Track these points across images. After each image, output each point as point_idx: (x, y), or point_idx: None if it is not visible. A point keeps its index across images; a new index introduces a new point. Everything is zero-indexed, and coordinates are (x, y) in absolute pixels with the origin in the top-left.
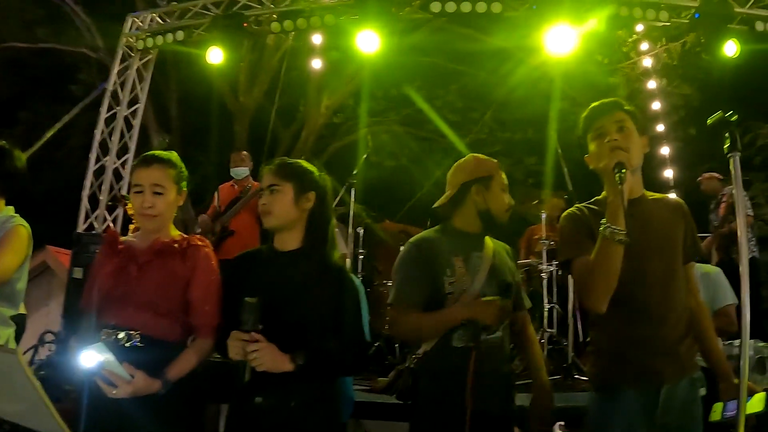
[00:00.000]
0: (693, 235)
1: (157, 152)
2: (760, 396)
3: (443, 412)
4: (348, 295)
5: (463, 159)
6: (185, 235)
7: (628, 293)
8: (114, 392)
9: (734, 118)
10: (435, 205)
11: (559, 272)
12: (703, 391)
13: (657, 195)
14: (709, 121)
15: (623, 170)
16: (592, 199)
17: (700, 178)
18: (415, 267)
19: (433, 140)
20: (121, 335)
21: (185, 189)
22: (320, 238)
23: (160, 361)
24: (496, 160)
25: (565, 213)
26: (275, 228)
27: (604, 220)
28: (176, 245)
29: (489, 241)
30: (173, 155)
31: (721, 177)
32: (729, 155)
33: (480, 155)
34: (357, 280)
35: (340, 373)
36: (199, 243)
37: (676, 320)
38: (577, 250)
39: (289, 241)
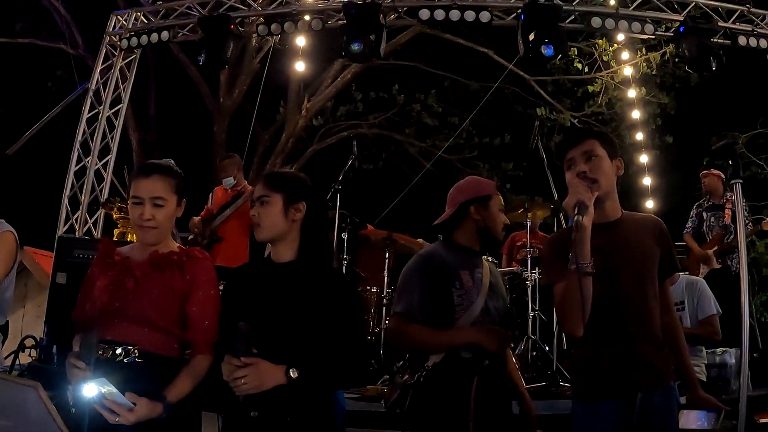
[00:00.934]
0: (670, 252)
1: (157, 161)
2: (720, 413)
3: (450, 419)
4: (348, 306)
5: (463, 179)
6: (184, 247)
7: (605, 312)
8: (116, 420)
9: (739, 142)
10: (435, 222)
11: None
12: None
13: (637, 215)
14: (713, 147)
15: (583, 210)
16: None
17: (701, 174)
18: (425, 279)
19: (412, 144)
20: (119, 351)
21: (185, 199)
22: (316, 248)
23: (159, 376)
24: (493, 182)
25: (548, 238)
26: (267, 240)
27: (570, 254)
28: (175, 258)
29: (485, 261)
30: (173, 164)
31: (723, 176)
32: (732, 182)
33: (479, 177)
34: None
35: (337, 386)
36: (199, 256)
37: (651, 336)
38: (557, 276)
39: (285, 252)
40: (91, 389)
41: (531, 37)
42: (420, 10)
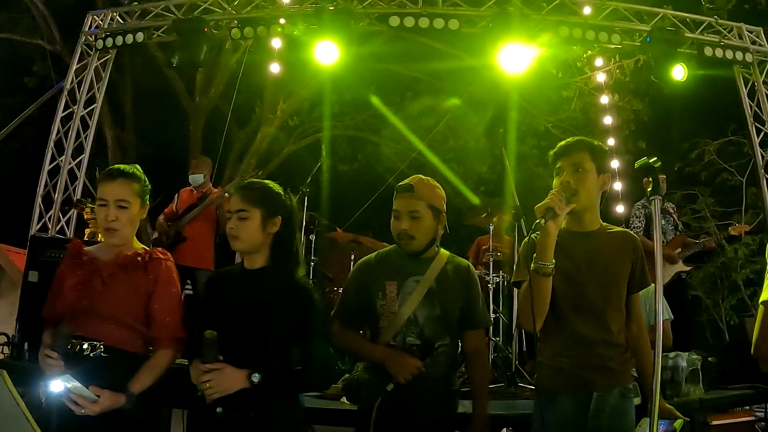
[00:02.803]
0: (642, 268)
1: (122, 166)
2: (678, 423)
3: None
4: (313, 313)
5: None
6: (147, 249)
7: (567, 317)
8: (82, 411)
9: (658, 164)
10: None
11: (505, 283)
12: (637, 401)
13: (614, 228)
14: (636, 165)
15: (549, 217)
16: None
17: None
18: (352, 287)
19: (387, 146)
20: (86, 346)
21: (148, 203)
22: (286, 256)
23: (123, 370)
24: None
25: (524, 240)
26: (243, 251)
27: (534, 254)
28: (139, 258)
29: (438, 265)
30: (137, 169)
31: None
32: (651, 198)
33: (429, 183)
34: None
35: (302, 390)
36: (161, 256)
37: (609, 341)
38: (524, 275)
39: (257, 259)
40: (58, 385)
41: (500, 44)
42: (390, 17)
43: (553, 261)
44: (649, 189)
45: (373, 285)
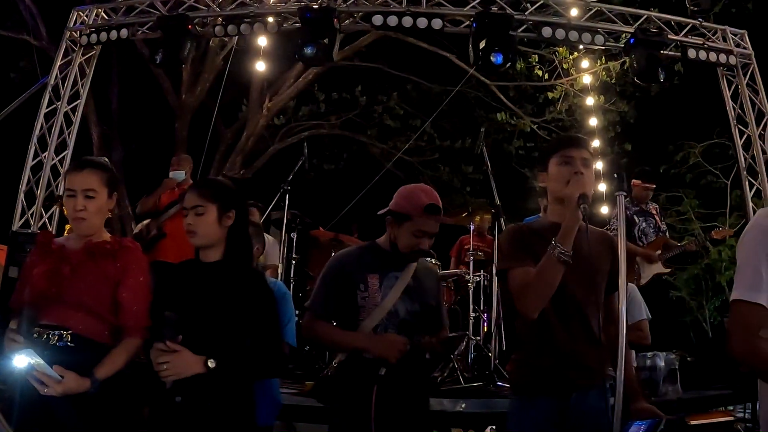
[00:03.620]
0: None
1: (89, 157)
2: (660, 422)
3: (354, 421)
4: (265, 302)
5: (411, 186)
6: (117, 237)
7: (548, 313)
8: (45, 390)
9: (622, 160)
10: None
11: (486, 282)
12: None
13: (594, 228)
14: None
15: (587, 201)
16: (534, 222)
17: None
18: (330, 279)
19: (373, 145)
20: (53, 334)
21: (116, 194)
22: (240, 250)
23: (90, 360)
24: (425, 205)
25: (507, 228)
26: (201, 246)
27: (556, 239)
28: (108, 246)
29: (413, 263)
30: (104, 161)
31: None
32: (616, 194)
33: (418, 190)
34: (282, 286)
35: (256, 375)
36: (130, 245)
37: (590, 340)
38: (515, 261)
39: (212, 253)
40: (21, 360)
41: (482, 44)
42: (374, 15)
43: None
44: (614, 186)
45: (354, 277)
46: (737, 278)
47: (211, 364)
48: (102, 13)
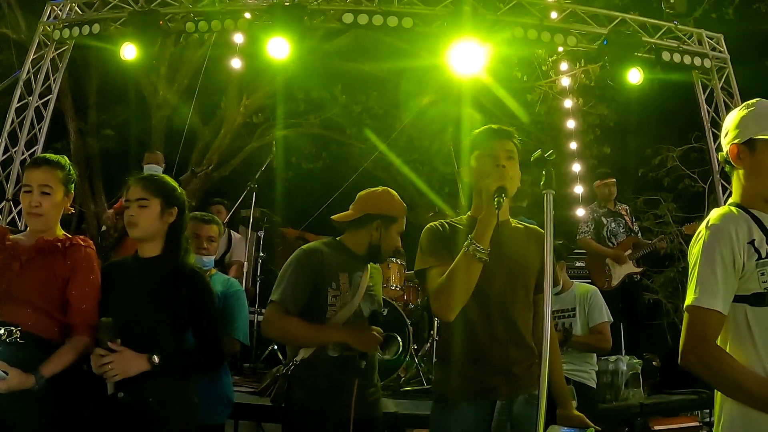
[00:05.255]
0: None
1: (47, 155)
2: (590, 431)
3: (320, 422)
4: (202, 297)
5: (379, 189)
6: (69, 235)
7: (470, 313)
8: None
9: (552, 156)
10: (333, 217)
11: None
12: (574, 404)
13: (525, 223)
14: (531, 158)
15: (503, 195)
16: (456, 218)
17: (596, 183)
18: (303, 274)
19: (352, 145)
20: (1, 331)
21: (72, 192)
22: (178, 245)
23: (38, 358)
24: (405, 205)
25: (426, 226)
26: (140, 239)
27: (471, 235)
28: (59, 244)
29: (369, 266)
30: (62, 158)
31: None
32: (544, 191)
33: (394, 194)
34: (235, 283)
35: (195, 371)
36: (81, 243)
37: (517, 342)
38: (434, 260)
39: (150, 248)
40: None
41: (452, 43)
42: (344, 13)
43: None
44: (542, 183)
45: (326, 274)
46: (691, 283)
47: (155, 359)
48: (76, 7)
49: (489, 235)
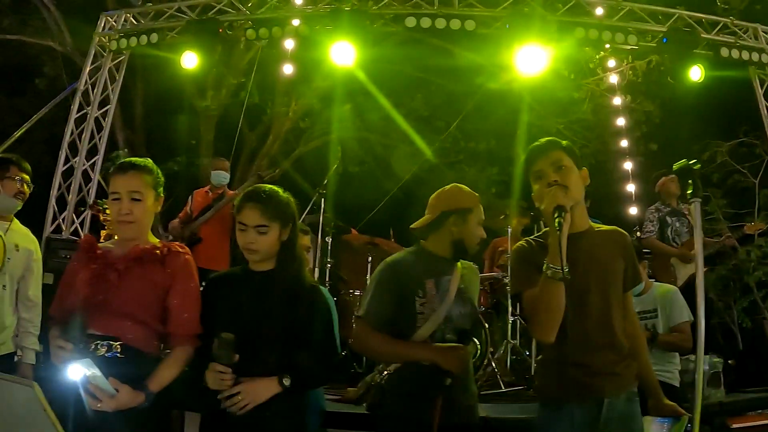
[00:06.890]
0: (633, 265)
1: (133, 159)
2: (683, 420)
3: (414, 430)
4: (319, 311)
5: (447, 187)
6: (164, 242)
7: (570, 323)
8: (98, 405)
9: (697, 166)
10: (412, 226)
11: None
12: None
13: (602, 227)
14: (675, 167)
15: (563, 213)
16: (542, 232)
17: (660, 180)
18: (388, 289)
19: (399, 147)
20: (101, 344)
21: (162, 195)
22: (292, 259)
23: (139, 371)
24: (477, 194)
25: (514, 247)
26: (258, 261)
27: (546, 259)
28: (156, 252)
29: (458, 264)
30: (149, 162)
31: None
32: (692, 201)
33: (463, 186)
34: (326, 293)
35: (314, 386)
36: (180, 250)
37: (614, 345)
38: (526, 284)
39: (265, 263)
40: (77, 370)
41: (516, 46)
42: (406, 17)
43: (567, 265)
44: (689, 192)
45: (412, 283)
46: None
47: (286, 381)
48: (131, 18)
49: (558, 254)
